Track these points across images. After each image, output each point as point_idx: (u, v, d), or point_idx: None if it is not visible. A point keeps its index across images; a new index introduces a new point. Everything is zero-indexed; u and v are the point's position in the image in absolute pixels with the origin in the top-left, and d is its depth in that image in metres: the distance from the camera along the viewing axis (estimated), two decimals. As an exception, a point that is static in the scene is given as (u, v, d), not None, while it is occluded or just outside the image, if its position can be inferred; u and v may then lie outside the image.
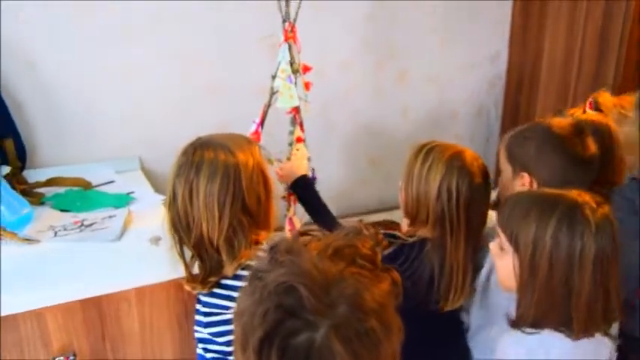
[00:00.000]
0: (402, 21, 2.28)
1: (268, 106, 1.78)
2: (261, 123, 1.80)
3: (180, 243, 1.28)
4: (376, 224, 2.21)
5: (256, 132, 1.79)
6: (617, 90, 2.14)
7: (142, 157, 1.98)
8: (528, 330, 1.07)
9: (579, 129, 1.35)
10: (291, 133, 1.75)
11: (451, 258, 1.37)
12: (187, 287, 1.31)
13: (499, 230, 1.12)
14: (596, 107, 1.59)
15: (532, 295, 1.06)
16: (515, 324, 1.09)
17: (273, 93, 1.76)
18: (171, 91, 2.01)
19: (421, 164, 1.40)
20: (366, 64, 2.29)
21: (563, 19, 2.28)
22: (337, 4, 2.14)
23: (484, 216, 1.40)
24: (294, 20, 1.66)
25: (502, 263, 1.11)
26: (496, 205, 1.46)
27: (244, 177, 1.24)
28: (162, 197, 1.70)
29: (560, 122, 1.36)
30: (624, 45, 2.09)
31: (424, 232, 1.41)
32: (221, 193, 1.22)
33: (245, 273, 1.26)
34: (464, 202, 1.34)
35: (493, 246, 1.15)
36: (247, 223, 1.25)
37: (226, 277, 1.26)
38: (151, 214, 1.59)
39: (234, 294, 1.24)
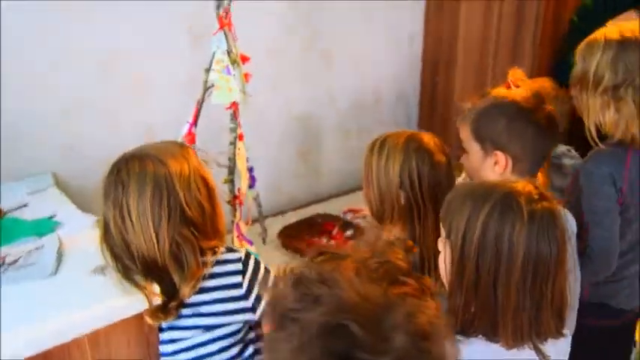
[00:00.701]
0: (325, 3, 2.18)
1: (202, 102, 1.61)
2: (195, 122, 1.63)
3: (126, 271, 1.14)
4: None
5: (189, 133, 1.62)
6: (536, 67, 2.22)
7: (56, 173, 1.72)
8: (459, 337, 0.99)
9: (540, 98, 1.35)
10: (233, 130, 1.60)
11: (421, 249, 1.33)
12: (150, 321, 1.16)
13: (441, 222, 1.06)
14: (516, 85, 1.60)
15: (460, 295, 0.99)
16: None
17: (207, 88, 1.59)
18: (86, 92, 1.76)
19: (378, 157, 1.36)
20: (291, 51, 2.17)
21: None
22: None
23: None
24: (229, 4, 1.49)
25: (441, 257, 1.05)
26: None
27: (179, 187, 1.13)
28: (91, 216, 1.48)
29: (520, 95, 1.34)
30: (540, 22, 2.15)
31: (397, 229, 1.36)
32: (154, 209, 1.11)
33: (211, 284, 1.17)
34: (427, 185, 1.32)
35: (440, 242, 1.08)
36: (193, 236, 1.15)
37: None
38: (85, 238, 1.36)
39: (203, 309, 1.13)
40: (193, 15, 1.86)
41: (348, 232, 2.02)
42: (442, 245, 1.06)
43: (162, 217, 1.10)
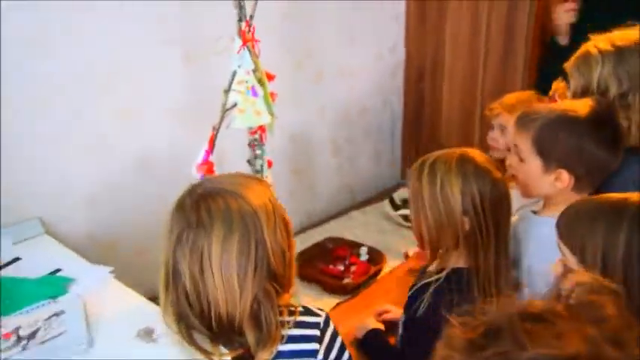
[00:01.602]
0: (311, 18, 2.05)
1: (218, 128, 1.43)
2: (211, 149, 1.44)
3: (190, 333, 0.95)
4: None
5: (206, 162, 1.44)
6: (526, 78, 2.20)
7: (43, 218, 1.47)
8: None
9: (609, 111, 1.28)
10: (259, 157, 1.43)
11: (482, 275, 1.24)
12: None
13: (560, 244, 0.99)
14: (562, 99, 1.56)
15: None
16: None
17: (226, 110, 1.41)
18: (74, 125, 1.52)
19: (430, 185, 1.24)
20: (285, 66, 2.02)
21: (466, 9, 2.27)
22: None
23: (510, 213, 1.28)
24: (252, 17, 1.33)
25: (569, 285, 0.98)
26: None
27: (267, 232, 0.95)
28: (102, 268, 1.27)
29: (581, 109, 1.28)
30: (531, 32, 2.14)
31: (454, 259, 1.26)
32: (240, 259, 0.93)
33: (287, 348, 1.00)
34: (490, 206, 1.22)
35: (556, 269, 1.01)
36: (274, 292, 0.98)
37: None
38: (109, 295, 1.17)
39: None
40: (185, 34, 1.68)
41: (363, 257, 1.90)
42: (561, 267, 0.98)
43: (248, 268, 0.92)
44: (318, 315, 1.04)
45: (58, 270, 1.26)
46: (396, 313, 1.54)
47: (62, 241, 1.42)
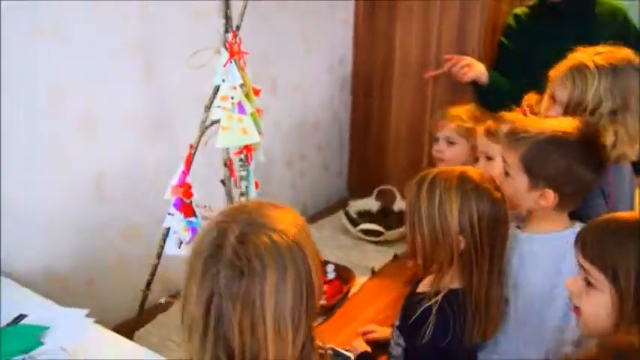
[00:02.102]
0: (267, 26, 1.97)
1: (196, 147, 1.32)
2: (188, 170, 1.32)
3: None
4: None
5: (183, 184, 1.32)
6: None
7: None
8: None
9: (594, 131, 1.31)
10: (244, 178, 1.32)
11: (479, 291, 1.24)
12: None
13: (584, 265, 0.99)
14: (532, 111, 1.60)
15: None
16: None
17: (206, 128, 1.30)
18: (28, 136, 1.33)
19: (429, 200, 1.23)
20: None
21: (416, 18, 2.28)
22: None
23: (507, 234, 1.29)
24: (238, 29, 1.23)
25: (590, 302, 0.99)
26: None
27: (314, 273, 0.86)
28: (78, 311, 1.11)
29: (569, 130, 1.30)
30: (482, 45, 2.18)
31: (448, 278, 1.25)
32: (295, 307, 0.82)
33: None
34: (487, 226, 1.22)
35: (573, 285, 1.02)
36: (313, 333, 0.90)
37: None
38: (95, 345, 1.01)
39: None
40: (146, 45, 1.53)
41: (330, 275, 1.83)
42: (582, 287, 0.98)
43: (302, 316, 0.82)
44: (347, 357, 0.97)
45: (23, 316, 1.08)
46: (382, 332, 1.50)
47: (16, 279, 1.23)
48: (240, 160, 1.29)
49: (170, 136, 1.67)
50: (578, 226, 1.31)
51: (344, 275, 1.82)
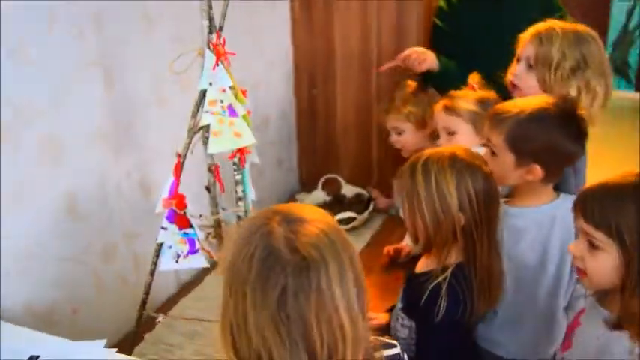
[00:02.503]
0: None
1: (185, 155, 1.27)
2: (179, 180, 1.28)
3: None
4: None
5: (176, 195, 1.28)
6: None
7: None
8: None
9: (573, 104, 1.38)
10: (239, 182, 1.29)
11: (479, 268, 1.30)
12: None
13: (587, 229, 1.03)
14: (479, 87, 1.71)
15: None
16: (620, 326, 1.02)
17: (194, 134, 1.25)
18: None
19: (425, 183, 1.27)
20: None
21: (354, 11, 2.31)
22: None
23: (499, 207, 1.35)
24: (222, 29, 1.20)
25: (596, 263, 1.03)
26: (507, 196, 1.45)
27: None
28: (95, 343, 1.04)
29: (548, 106, 1.35)
30: (421, 31, 2.25)
31: (452, 254, 1.30)
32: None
33: None
34: (483, 200, 1.28)
35: (576, 249, 1.07)
36: None
37: None
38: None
39: None
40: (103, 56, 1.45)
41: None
42: (585, 248, 1.03)
43: (364, 302, 0.82)
44: (394, 344, 0.98)
45: (35, 357, 1.00)
46: (381, 318, 1.53)
47: (8, 319, 1.13)
48: (234, 164, 1.26)
49: (135, 148, 1.60)
50: (562, 198, 1.39)
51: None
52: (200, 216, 1.28)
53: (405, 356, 1.00)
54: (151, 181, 1.67)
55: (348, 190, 2.35)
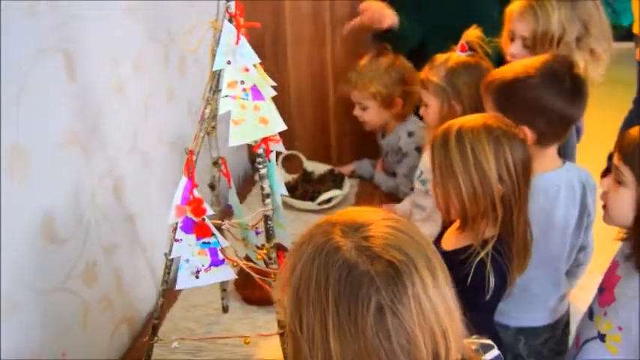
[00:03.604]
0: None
1: (198, 152, 1.06)
2: (193, 180, 1.07)
3: None
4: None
5: (194, 200, 1.07)
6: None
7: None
8: None
9: (565, 62, 1.33)
10: (265, 176, 1.10)
11: (519, 235, 1.25)
12: None
13: (618, 164, 1.12)
14: (470, 48, 1.61)
15: None
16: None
17: (212, 126, 1.05)
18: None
19: (460, 155, 1.19)
20: (151, 56, 1.59)
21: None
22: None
23: (531, 174, 1.30)
24: (237, -4, 0.99)
25: (617, 197, 1.14)
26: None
27: None
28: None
29: (535, 65, 1.30)
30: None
31: (489, 228, 1.23)
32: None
33: None
34: (521, 168, 1.22)
35: (604, 182, 1.16)
36: None
37: None
38: None
39: None
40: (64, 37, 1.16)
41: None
42: (613, 184, 1.13)
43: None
44: (492, 347, 0.88)
45: None
46: None
47: None
48: (259, 155, 1.06)
49: (104, 148, 1.33)
50: (567, 167, 1.37)
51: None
52: (222, 221, 1.08)
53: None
54: (122, 184, 1.42)
55: (312, 167, 2.19)
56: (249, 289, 1.50)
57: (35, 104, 1.08)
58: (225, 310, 1.51)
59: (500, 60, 1.60)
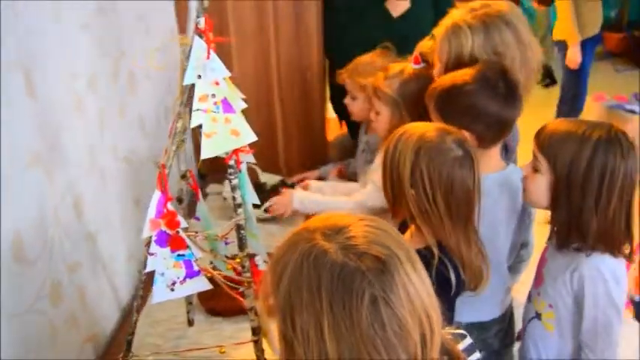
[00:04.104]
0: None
1: (170, 166, 1.09)
2: (166, 194, 1.09)
3: None
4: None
5: (168, 213, 1.09)
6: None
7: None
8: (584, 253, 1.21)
9: (498, 69, 1.40)
10: (237, 187, 1.13)
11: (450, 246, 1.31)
12: None
13: (536, 153, 1.25)
14: (424, 59, 1.68)
15: (566, 210, 1.21)
16: (559, 242, 1.25)
17: (182, 140, 1.07)
18: None
19: (391, 154, 1.23)
20: (102, 71, 1.58)
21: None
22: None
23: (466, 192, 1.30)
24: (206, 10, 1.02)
25: (534, 183, 1.26)
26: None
27: None
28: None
29: (469, 73, 1.38)
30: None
31: (429, 235, 1.26)
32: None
33: None
34: (445, 184, 1.23)
35: (525, 168, 1.29)
36: None
37: None
38: None
39: None
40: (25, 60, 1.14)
41: (262, 266, 1.70)
42: (531, 170, 1.26)
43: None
44: (465, 336, 0.95)
45: None
46: None
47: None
48: (230, 167, 1.09)
49: (65, 165, 1.32)
50: (510, 168, 1.45)
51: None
52: (196, 232, 1.10)
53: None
54: (82, 201, 1.40)
55: (265, 178, 2.20)
56: (215, 300, 1.50)
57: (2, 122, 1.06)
58: (190, 323, 1.51)
59: None
